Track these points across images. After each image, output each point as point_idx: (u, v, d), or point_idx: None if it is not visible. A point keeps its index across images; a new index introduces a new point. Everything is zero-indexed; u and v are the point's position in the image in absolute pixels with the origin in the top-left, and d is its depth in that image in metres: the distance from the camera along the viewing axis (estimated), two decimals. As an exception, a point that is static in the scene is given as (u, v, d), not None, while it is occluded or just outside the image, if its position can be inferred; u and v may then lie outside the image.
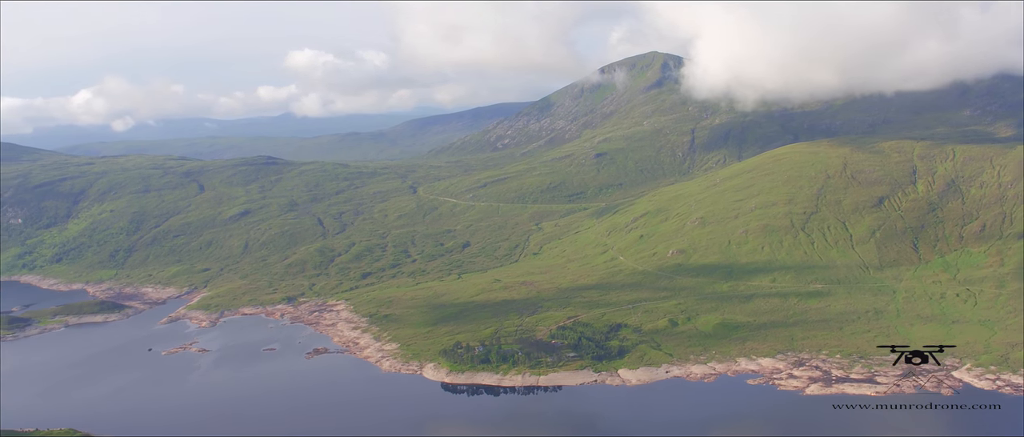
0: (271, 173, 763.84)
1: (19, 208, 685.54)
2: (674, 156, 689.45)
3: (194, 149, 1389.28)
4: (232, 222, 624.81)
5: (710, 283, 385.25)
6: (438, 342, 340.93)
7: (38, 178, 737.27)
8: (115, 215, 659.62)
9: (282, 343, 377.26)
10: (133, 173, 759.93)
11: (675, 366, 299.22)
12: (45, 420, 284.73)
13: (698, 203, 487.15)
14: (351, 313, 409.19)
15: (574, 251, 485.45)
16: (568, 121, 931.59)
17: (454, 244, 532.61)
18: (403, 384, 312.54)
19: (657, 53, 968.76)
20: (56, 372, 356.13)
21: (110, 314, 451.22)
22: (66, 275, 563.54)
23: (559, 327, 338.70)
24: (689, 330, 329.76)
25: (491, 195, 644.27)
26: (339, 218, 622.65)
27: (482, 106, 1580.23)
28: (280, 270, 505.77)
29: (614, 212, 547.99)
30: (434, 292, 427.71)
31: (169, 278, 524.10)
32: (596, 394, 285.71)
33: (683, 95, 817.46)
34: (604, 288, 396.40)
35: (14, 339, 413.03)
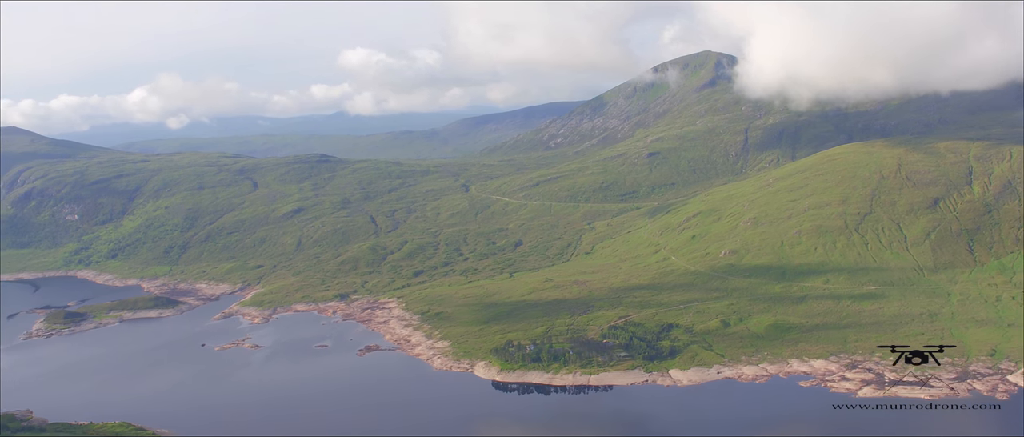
0: (324, 171, 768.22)
1: (76, 204, 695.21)
2: (727, 156, 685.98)
3: (248, 147, 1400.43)
4: (285, 219, 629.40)
5: (762, 284, 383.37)
6: (489, 340, 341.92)
7: (94, 175, 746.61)
8: (170, 212, 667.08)
9: (334, 340, 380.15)
10: (188, 170, 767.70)
11: (726, 367, 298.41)
12: (99, 413, 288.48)
13: (751, 203, 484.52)
14: (403, 311, 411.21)
15: (626, 251, 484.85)
16: (621, 120, 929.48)
17: (506, 243, 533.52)
18: (454, 382, 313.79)
19: (710, 52, 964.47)
20: (110, 366, 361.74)
21: (164, 310, 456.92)
22: (121, 271, 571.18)
23: (611, 327, 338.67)
24: (741, 331, 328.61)
25: (543, 194, 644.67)
26: (392, 216, 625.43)
27: (534, 105, 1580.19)
28: (333, 267, 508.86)
29: (666, 212, 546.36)
30: (486, 290, 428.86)
31: (223, 274, 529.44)
32: (647, 394, 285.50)
33: (736, 94, 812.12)
34: (656, 288, 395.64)
35: (70, 333, 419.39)
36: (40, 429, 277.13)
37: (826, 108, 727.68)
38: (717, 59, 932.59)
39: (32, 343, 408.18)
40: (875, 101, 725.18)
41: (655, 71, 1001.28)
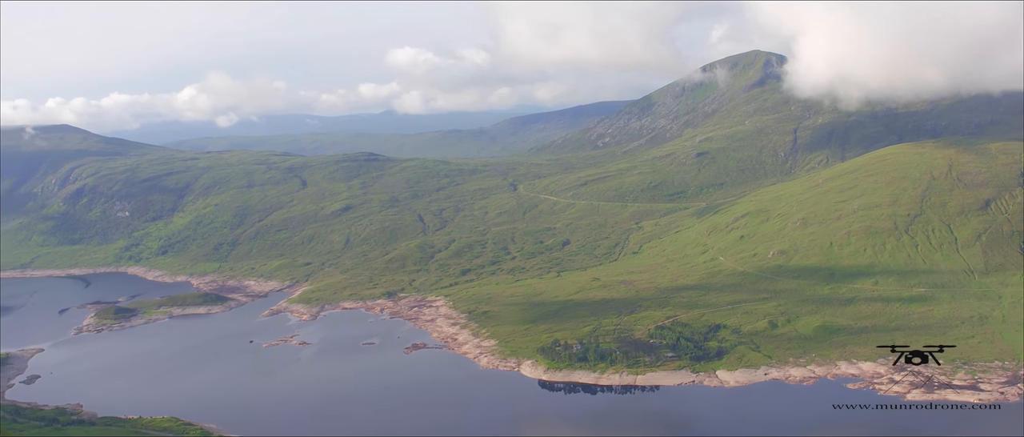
0: (372, 169, 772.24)
1: (126, 201, 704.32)
2: (776, 156, 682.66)
3: (297, 145, 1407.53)
4: (334, 217, 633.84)
5: (811, 285, 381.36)
6: (536, 339, 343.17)
7: (145, 172, 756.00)
8: (219, 209, 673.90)
9: (381, 337, 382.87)
10: (237, 168, 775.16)
11: (774, 368, 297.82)
12: (148, 408, 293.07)
13: (800, 204, 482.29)
14: (450, 309, 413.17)
15: (674, 251, 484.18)
16: (669, 120, 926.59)
17: (554, 242, 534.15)
18: (500, 381, 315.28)
19: (759, 51, 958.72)
20: (159, 362, 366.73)
21: (213, 306, 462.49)
22: (171, 267, 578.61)
23: (658, 327, 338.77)
24: (789, 332, 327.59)
25: (591, 193, 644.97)
26: (439, 215, 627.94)
27: (583, 105, 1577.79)
28: (380, 265, 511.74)
29: (715, 212, 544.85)
30: (533, 290, 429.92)
31: (271, 272, 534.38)
32: (694, 395, 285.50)
33: (785, 94, 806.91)
34: (703, 288, 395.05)
35: (120, 328, 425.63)
36: (90, 423, 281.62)
37: (876, 108, 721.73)
38: (766, 58, 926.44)
39: (83, 338, 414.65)
40: (926, 101, 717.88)
41: (704, 70, 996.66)
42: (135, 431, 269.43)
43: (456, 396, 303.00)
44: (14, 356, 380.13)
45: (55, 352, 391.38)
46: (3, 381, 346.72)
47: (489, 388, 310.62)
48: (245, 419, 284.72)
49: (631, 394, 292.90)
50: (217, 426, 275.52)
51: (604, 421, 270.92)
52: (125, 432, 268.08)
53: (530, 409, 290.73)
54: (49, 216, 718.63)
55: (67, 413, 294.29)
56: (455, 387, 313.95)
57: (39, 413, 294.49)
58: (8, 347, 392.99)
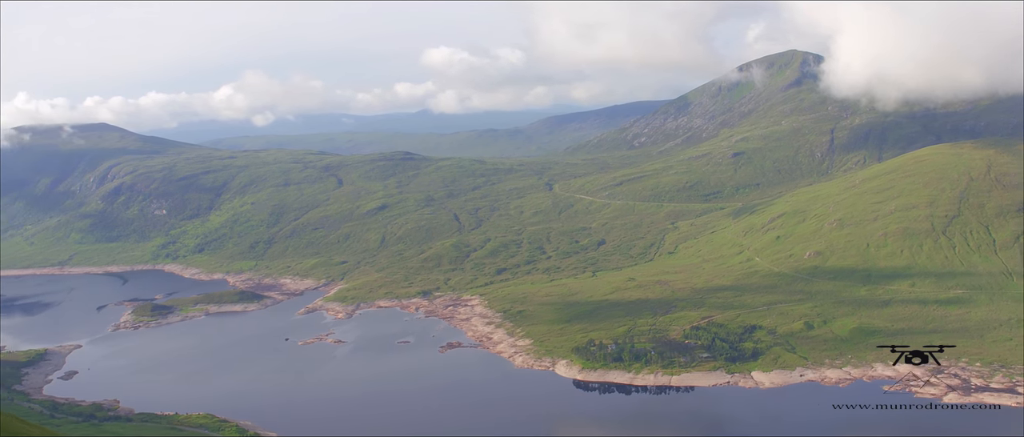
0: (408, 168, 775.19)
1: (164, 200, 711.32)
2: (812, 156, 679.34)
3: (333, 144, 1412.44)
4: (370, 216, 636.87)
5: (847, 287, 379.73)
6: (571, 339, 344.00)
7: (182, 171, 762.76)
8: (256, 207, 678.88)
9: (416, 336, 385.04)
10: (273, 167, 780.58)
11: (809, 370, 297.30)
12: (184, 404, 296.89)
13: (836, 205, 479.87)
14: (485, 308, 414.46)
15: (710, 251, 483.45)
16: (705, 120, 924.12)
17: (589, 242, 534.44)
18: (535, 380, 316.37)
19: (796, 51, 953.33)
20: (195, 359, 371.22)
21: (249, 304, 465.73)
22: (207, 265, 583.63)
23: (693, 327, 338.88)
24: (824, 334, 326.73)
25: (627, 193, 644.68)
26: (475, 214, 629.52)
27: (619, 104, 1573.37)
28: (416, 264, 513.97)
29: (751, 212, 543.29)
30: (568, 289, 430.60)
31: (307, 270, 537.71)
32: (729, 396, 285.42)
33: (822, 94, 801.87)
34: (739, 289, 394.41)
35: (157, 325, 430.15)
36: (126, 419, 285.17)
37: (914, 108, 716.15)
38: (803, 58, 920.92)
39: (120, 334, 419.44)
40: (964, 101, 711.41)
41: (740, 70, 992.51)
42: (171, 428, 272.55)
43: (490, 395, 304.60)
44: (52, 352, 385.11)
45: (92, 348, 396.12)
46: (41, 377, 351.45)
47: (523, 387, 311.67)
48: (280, 417, 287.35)
49: (666, 394, 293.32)
50: (252, 423, 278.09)
51: (638, 421, 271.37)
52: (161, 428, 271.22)
53: (564, 409, 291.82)
54: (87, 214, 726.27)
55: (104, 409, 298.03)
56: (490, 386, 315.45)
57: (76, 409, 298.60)
58: (46, 343, 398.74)
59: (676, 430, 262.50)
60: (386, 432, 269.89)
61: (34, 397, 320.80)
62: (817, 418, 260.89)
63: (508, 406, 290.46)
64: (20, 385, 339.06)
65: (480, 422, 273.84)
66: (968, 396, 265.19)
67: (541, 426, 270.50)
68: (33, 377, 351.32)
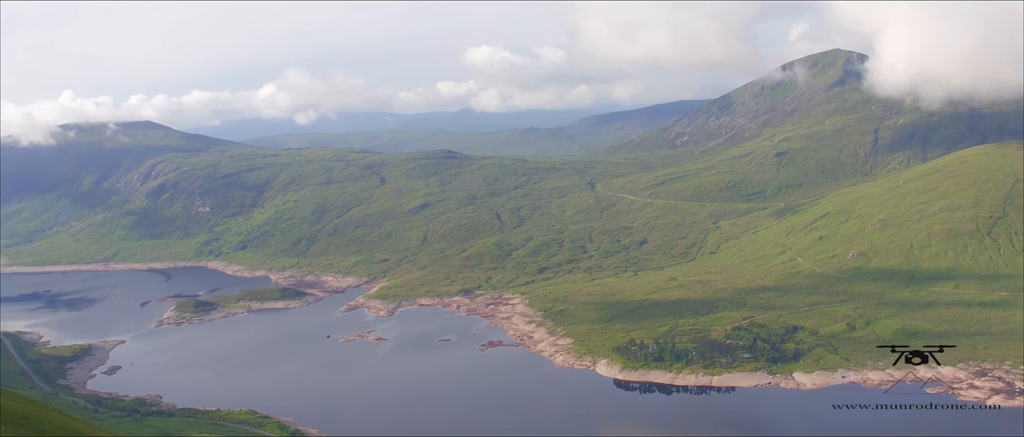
0: (450, 167, 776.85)
1: (207, 197, 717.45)
2: (856, 156, 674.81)
3: (375, 142, 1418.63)
4: (411, 214, 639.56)
5: (890, 288, 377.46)
6: (612, 339, 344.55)
7: (225, 169, 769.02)
8: (298, 205, 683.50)
9: (457, 334, 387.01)
10: (316, 165, 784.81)
11: (851, 371, 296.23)
12: (226, 400, 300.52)
13: (880, 205, 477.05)
14: (526, 307, 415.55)
15: (752, 251, 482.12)
16: (748, 119, 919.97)
17: (631, 241, 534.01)
18: (576, 379, 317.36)
19: (839, 50, 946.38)
20: (237, 355, 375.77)
21: (291, 301, 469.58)
22: (250, 262, 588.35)
23: (734, 327, 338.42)
24: (867, 335, 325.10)
25: (669, 192, 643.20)
26: (517, 213, 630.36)
27: (661, 103, 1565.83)
28: (457, 263, 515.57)
29: (793, 212, 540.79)
30: (609, 289, 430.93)
31: (349, 268, 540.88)
32: (770, 397, 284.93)
33: (866, 93, 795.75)
34: (781, 290, 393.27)
35: (199, 322, 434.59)
36: (169, 414, 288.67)
37: (958, 108, 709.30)
38: (846, 57, 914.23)
39: (163, 330, 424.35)
40: (1009, 101, 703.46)
41: (783, 69, 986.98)
42: (213, 423, 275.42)
43: (531, 394, 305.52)
44: (96, 347, 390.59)
45: (136, 344, 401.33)
46: (85, 372, 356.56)
47: (564, 387, 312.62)
48: (321, 414, 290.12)
49: (706, 395, 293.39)
50: (293, 420, 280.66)
51: (679, 422, 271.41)
52: (203, 424, 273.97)
53: (605, 409, 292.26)
54: (131, 211, 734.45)
55: (147, 404, 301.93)
56: (530, 385, 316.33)
57: (119, 403, 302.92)
58: (90, 338, 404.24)
59: (717, 431, 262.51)
60: (427, 431, 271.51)
61: (78, 391, 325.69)
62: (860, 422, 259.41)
63: (548, 405, 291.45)
64: (64, 379, 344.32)
65: (521, 421, 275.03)
66: (1012, 399, 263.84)
67: (582, 426, 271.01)
68: (77, 372, 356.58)
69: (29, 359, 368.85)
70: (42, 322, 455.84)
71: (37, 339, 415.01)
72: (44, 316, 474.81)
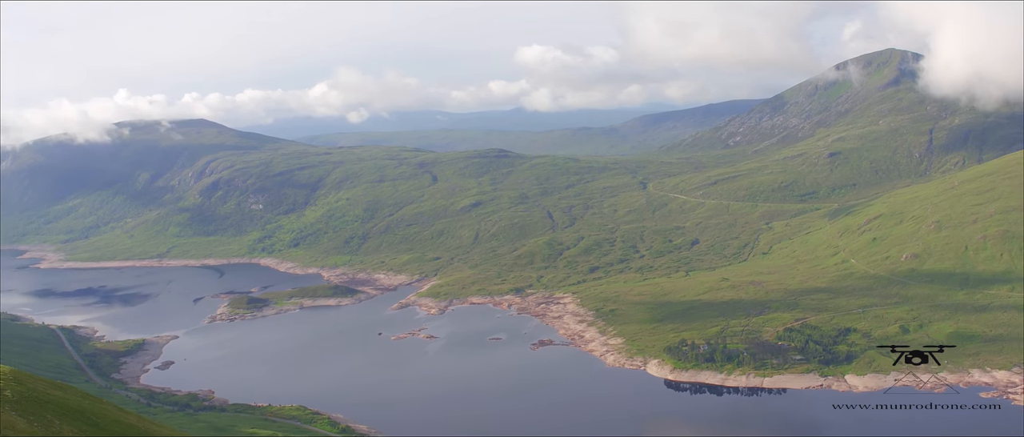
0: (502, 166, 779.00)
1: (260, 195, 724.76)
2: (910, 157, 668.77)
3: (427, 141, 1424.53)
4: (463, 213, 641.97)
5: (944, 291, 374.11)
6: (663, 339, 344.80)
7: (278, 167, 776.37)
8: (350, 203, 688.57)
9: (508, 333, 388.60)
10: (368, 163, 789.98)
11: (904, 374, 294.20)
12: (277, 396, 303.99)
13: (934, 206, 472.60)
14: (577, 306, 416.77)
15: (804, 252, 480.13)
16: (801, 119, 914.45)
17: (683, 241, 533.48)
18: (626, 379, 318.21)
19: (894, 50, 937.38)
20: (289, 351, 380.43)
21: (343, 298, 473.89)
22: (302, 259, 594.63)
23: (786, 329, 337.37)
24: (920, 338, 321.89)
25: (721, 193, 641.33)
26: (568, 212, 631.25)
27: (713, 103, 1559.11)
28: (509, 261, 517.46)
29: (847, 213, 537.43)
30: (661, 289, 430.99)
31: (401, 266, 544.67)
32: (821, 399, 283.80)
33: (921, 93, 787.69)
34: (834, 291, 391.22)
35: (252, 318, 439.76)
36: (220, 409, 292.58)
37: (1015, 108, 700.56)
38: (901, 56, 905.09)
39: (216, 326, 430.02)
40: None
41: (837, 69, 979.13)
42: (264, 419, 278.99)
43: (582, 394, 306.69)
44: (149, 342, 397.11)
45: (189, 339, 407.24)
46: (139, 366, 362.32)
47: (615, 387, 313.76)
48: (372, 411, 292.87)
49: (757, 396, 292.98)
50: (344, 417, 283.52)
51: (729, 423, 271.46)
52: (254, 419, 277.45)
53: (656, 409, 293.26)
54: (185, 208, 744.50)
55: (199, 399, 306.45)
56: (581, 385, 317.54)
57: (172, 398, 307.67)
58: (144, 333, 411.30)
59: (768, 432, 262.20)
60: (477, 430, 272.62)
61: (131, 386, 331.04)
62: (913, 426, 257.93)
63: (599, 405, 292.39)
64: (118, 374, 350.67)
65: (571, 421, 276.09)
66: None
67: (632, 426, 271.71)
68: (131, 366, 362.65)
69: (84, 353, 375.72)
70: (97, 317, 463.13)
71: (92, 334, 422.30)
72: (99, 311, 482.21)
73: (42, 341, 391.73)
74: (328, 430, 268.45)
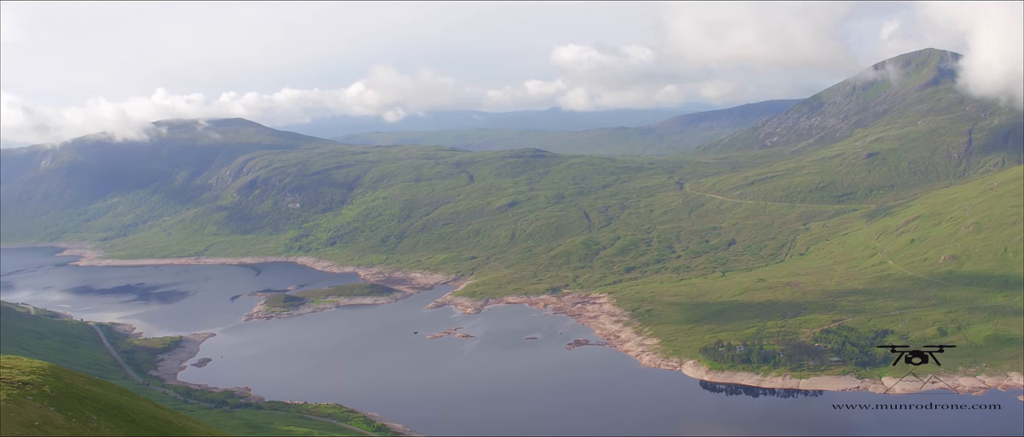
0: (539, 166, 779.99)
1: (297, 193, 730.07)
2: (949, 157, 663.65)
3: (463, 140, 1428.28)
4: (500, 212, 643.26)
5: (983, 293, 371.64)
6: (699, 339, 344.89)
7: (315, 166, 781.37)
8: (387, 202, 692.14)
9: (544, 333, 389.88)
10: (405, 163, 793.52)
11: (942, 377, 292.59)
12: (313, 394, 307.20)
13: (973, 208, 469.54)
14: (613, 306, 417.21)
15: (841, 253, 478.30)
16: (839, 119, 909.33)
17: (719, 241, 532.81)
18: (662, 380, 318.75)
19: (933, 50, 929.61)
20: (325, 349, 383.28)
21: (379, 297, 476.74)
22: (339, 258, 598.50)
23: (823, 330, 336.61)
24: (958, 341, 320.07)
25: (758, 193, 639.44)
26: (605, 212, 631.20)
27: (751, 103, 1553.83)
28: (545, 261, 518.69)
29: (885, 214, 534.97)
30: (697, 289, 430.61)
31: (437, 265, 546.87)
32: (858, 401, 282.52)
33: (960, 93, 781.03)
34: (871, 293, 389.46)
35: (288, 316, 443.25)
36: (257, 406, 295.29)
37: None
38: (940, 56, 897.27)
39: (252, 324, 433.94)
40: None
41: (875, 68, 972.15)
42: (300, 416, 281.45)
43: (617, 394, 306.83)
44: (187, 339, 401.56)
45: (226, 337, 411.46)
46: (176, 363, 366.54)
47: (650, 387, 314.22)
48: (407, 409, 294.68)
49: (793, 398, 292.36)
50: (379, 415, 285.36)
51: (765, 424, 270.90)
52: (290, 417, 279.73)
53: (691, 409, 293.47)
54: (223, 206, 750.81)
55: (235, 396, 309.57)
56: (616, 385, 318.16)
57: (209, 395, 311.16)
58: (181, 331, 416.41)
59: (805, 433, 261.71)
60: (512, 429, 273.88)
61: (168, 382, 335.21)
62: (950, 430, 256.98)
63: (635, 406, 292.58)
64: (155, 370, 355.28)
65: (606, 422, 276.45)
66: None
67: (668, 427, 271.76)
68: (168, 363, 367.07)
69: (122, 350, 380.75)
70: (135, 314, 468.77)
71: (130, 331, 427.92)
72: (137, 308, 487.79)
73: (81, 338, 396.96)
74: (363, 428, 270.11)
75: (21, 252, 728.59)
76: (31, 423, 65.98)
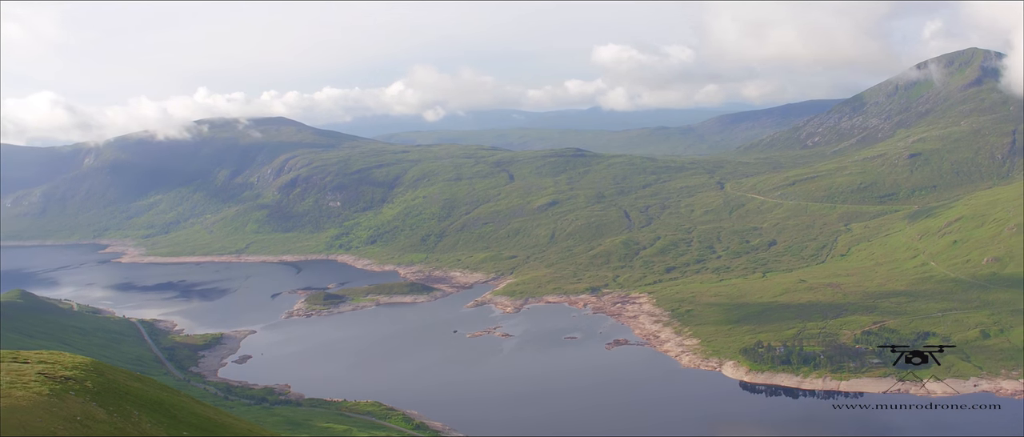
0: (579, 165, 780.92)
1: (338, 192, 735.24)
2: (993, 158, 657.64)
3: (503, 140, 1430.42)
4: (540, 212, 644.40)
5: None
6: (739, 340, 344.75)
7: (356, 164, 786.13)
8: (427, 201, 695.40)
9: (583, 332, 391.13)
10: (445, 162, 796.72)
11: (984, 380, 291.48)
12: (352, 391, 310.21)
13: (1017, 209, 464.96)
14: (653, 306, 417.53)
15: (883, 254, 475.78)
16: (881, 119, 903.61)
17: (760, 242, 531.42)
18: (701, 380, 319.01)
19: (976, 49, 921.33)
20: (365, 347, 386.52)
21: (419, 296, 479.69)
22: (379, 257, 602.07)
23: (864, 332, 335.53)
24: (1001, 343, 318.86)
25: (799, 193, 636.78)
26: (645, 211, 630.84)
27: (792, 103, 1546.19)
28: (585, 261, 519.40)
29: (927, 215, 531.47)
30: (737, 290, 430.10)
31: (476, 264, 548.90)
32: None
33: (1004, 93, 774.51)
34: (912, 294, 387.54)
35: (329, 314, 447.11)
36: (296, 403, 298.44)
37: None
38: (983, 55, 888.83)
39: (292, 322, 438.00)
40: None
41: (917, 68, 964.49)
42: (339, 413, 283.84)
43: (657, 395, 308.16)
44: (228, 336, 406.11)
45: (266, 334, 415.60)
46: (216, 360, 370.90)
47: (690, 387, 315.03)
48: (446, 408, 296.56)
49: (833, 400, 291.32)
50: (418, 413, 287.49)
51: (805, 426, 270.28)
52: (329, 414, 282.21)
53: (731, 410, 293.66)
54: (264, 204, 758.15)
55: (275, 393, 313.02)
56: (656, 385, 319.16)
57: (249, 391, 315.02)
58: (222, 328, 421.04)
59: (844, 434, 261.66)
60: (552, 429, 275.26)
61: (209, 379, 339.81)
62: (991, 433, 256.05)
63: (674, 406, 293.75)
64: (196, 367, 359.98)
65: (646, 422, 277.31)
66: None
67: (707, 427, 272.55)
68: (209, 360, 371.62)
69: (163, 346, 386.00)
70: (176, 311, 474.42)
71: (171, 327, 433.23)
72: (178, 305, 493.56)
73: (123, 334, 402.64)
74: (402, 426, 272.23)
75: (65, 249, 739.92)
76: (73, 418, 67.54)
